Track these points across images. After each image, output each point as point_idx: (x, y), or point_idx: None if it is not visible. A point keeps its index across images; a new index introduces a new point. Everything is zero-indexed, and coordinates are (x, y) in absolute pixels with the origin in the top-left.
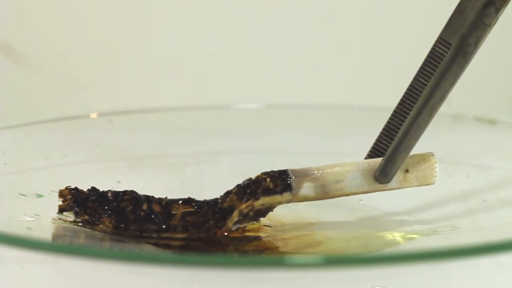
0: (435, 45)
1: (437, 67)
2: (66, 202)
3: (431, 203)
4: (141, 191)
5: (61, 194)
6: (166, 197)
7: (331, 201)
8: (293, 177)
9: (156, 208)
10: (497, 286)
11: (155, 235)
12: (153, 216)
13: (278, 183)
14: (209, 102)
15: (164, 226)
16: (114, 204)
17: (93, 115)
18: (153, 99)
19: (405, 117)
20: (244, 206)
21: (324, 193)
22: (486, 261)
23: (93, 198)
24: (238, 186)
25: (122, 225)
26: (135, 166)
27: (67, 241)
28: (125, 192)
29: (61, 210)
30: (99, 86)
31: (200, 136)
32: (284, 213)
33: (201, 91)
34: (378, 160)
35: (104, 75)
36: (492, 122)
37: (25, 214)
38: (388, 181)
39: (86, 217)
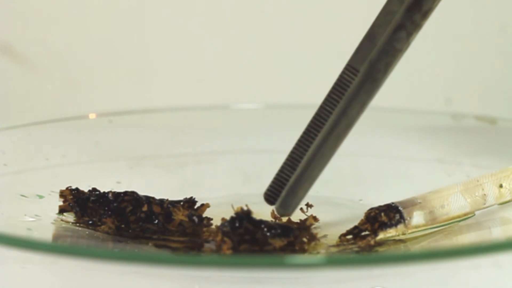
0: (343, 72)
1: (343, 94)
2: (67, 203)
3: None
4: (141, 191)
5: (62, 194)
6: (167, 199)
7: (331, 201)
8: (402, 208)
9: (157, 209)
10: (497, 286)
11: (155, 236)
12: (153, 217)
13: (391, 216)
14: (209, 102)
15: (163, 229)
16: (114, 204)
17: (93, 116)
18: (153, 99)
19: (309, 147)
20: (363, 242)
21: (432, 219)
22: (486, 261)
23: (94, 198)
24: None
25: (123, 226)
26: (135, 166)
27: (67, 242)
28: (125, 193)
29: (62, 210)
30: (99, 86)
31: (200, 136)
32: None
33: (200, 91)
34: (474, 181)
35: (104, 75)
36: (492, 122)
37: (25, 215)
38: (289, 214)
39: (86, 218)
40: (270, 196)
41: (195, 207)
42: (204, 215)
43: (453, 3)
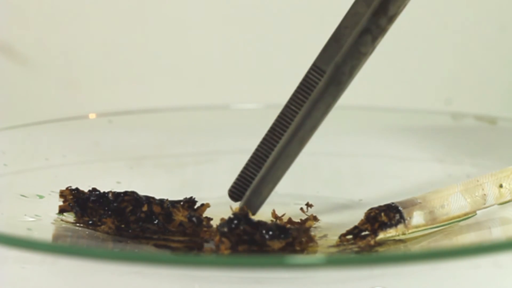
0: (308, 72)
1: (309, 95)
2: (67, 203)
3: None
4: (141, 191)
5: (62, 194)
6: (167, 199)
7: (331, 201)
8: (402, 208)
9: (157, 209)
10: (497, 286)
11: (155, 236)
12: (153, 217)
13: (391, 216)
14: (209, 102)
15: (163, 229)
16: (114, 204)
17: (93, 116)
18: (153, 99)
19: (275, 146)
20: (363, 243)
21: (432, 219)
22: (486, 261)
23: (94, 198)
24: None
25: (123, 226)
26: (135, 166)
27: (67, 242)
28: (125, 193)
29: (62, 210)
30: (99, 86)
31: (200, 136)
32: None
33: (200, 91)
34: (474, 181)
35: (104, 75)
36: (492, 122)
37: (25, 215)
38: (254, 212)
39: (86, 218)
40: (234, 193)
41: (195, 207)
42: (204, 215)
43: (453, 3)
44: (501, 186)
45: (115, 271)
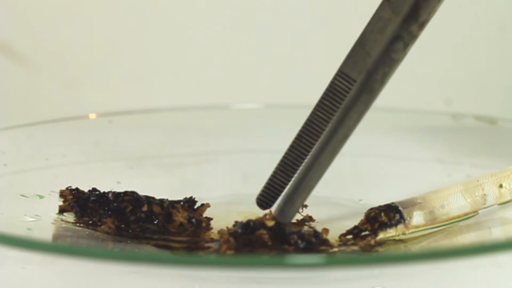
0: (335, 78)
1: (339, 103)
2: (67, 202)
3: None
4: (141, 192)
5: (62, 194)
6: (167, 199)
7: (331, 201)
8: (402, 208)
9: (157, 209)
10: (497, 286)
11: (155, 236)
12: (153, 217)
13: (391, 216)
14: (209, 102)
15: (163, 229)
16: (114, 204)
17: (93, 116)
18: (153, 99)
19: (304, 154)
20: (363, 243)
21: (432, 219)
22: (486, 261)
23: (94, 198)
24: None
25: (123, 226)
26: (135, 166)
27: (67, 242)
28: (125, 193)
29: (62, 210)
30: (99, 86)
31: (200, 136)
32: None
33: (200, 91)
34: (474, 181)
35: (104, 75)
36: (492, 122)
37: (25, 215)
38: (287, 221)
39: (86, 218)
40: (263, 201)
41: (195, 207)
42: (204, 215)
43: (453, 3)
44: (501, 186)
45: (115, 271)
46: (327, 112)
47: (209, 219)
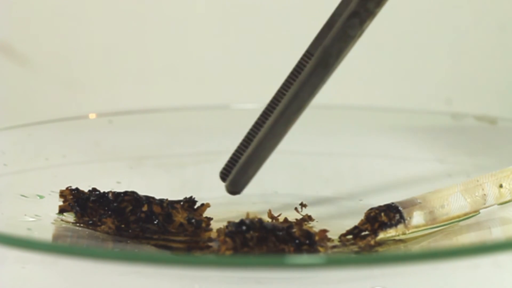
0: (301, 58)
1: (297, 76)
2: (67, 202)
3: None
4: (141, 192)
5: (62, 194)
6: (167, 199)
7: (331, 201)
8: (402, 208)
9: (157, 209)
10: (497, 286)
11: (155, 236)
12: (153, 217)
13: (391, 216)
14: (209, 102)
15: (163, 229)
16: (114, 204)
17: (93, 116)
18: (153, 99)
19: (262, 127)
20: (363, 243)
21: (432, 219)
22: (486, 261)
23: (94, 198)
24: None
25: (123, 226)
26: (135, 166)
27: (67, 242)
28: (125, 193)
29: (62, 210)
30: (99, 86)
31: (200, 136)
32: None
33: (200, 91)
34: (474, 181)
35: (104, 75)
36: (492, 122)
37: (25, 215)
38: (239, 192)
39: (86, 218)
40: (225, 174)
41: (195, 207)
42: (204, 215)
43: (453, 3)
44: (501, 186)
45: (115, 271)
46: (288, 88)
47: (209, 219)
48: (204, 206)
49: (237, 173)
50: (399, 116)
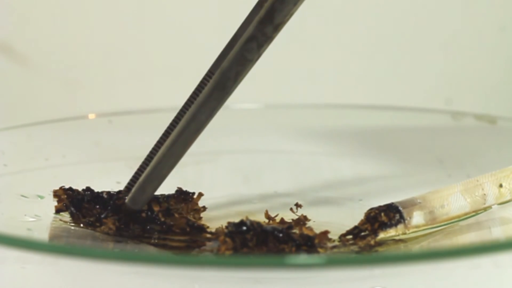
0: (203, 77)
1: (195, 98)
2: (62, 202)
3: None
4: None
5: (56, 194)
6: (162, 194)
7: (331, 201)
8: (402, 208)
9: (155, 207)
10: (497, 286)
11: (155, 236)
12: (153, 217)
13: (391, 216)
14: None
15: (164, 227)
16: (110, 202)
17: (93, 116)
18: (153, 99)
19: (161, 145)
20: (363, 243)
21: (432, 219)
22: (486, 261)
23: (88, 198)
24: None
25: (123, 226)
26: (135, 166)
27: (66, 242)
28: (119, 191)
29: (58, 210)
30: (99, 86)
31: (200, 136)
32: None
33: None
34: (474, 181)
35: (104, 75)
36: (492, 121)
37: (25, 215)
38: (139, 208)
39: (84, 219)
40: (127, 191)
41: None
42: (203, 216)
43: (453, 3)
44: (501, 186)
45: (115, 271)
46: (188, 105)
47: (205, 208)
48: (198, 195)
49: (136, 191)
50: (399, 116)
